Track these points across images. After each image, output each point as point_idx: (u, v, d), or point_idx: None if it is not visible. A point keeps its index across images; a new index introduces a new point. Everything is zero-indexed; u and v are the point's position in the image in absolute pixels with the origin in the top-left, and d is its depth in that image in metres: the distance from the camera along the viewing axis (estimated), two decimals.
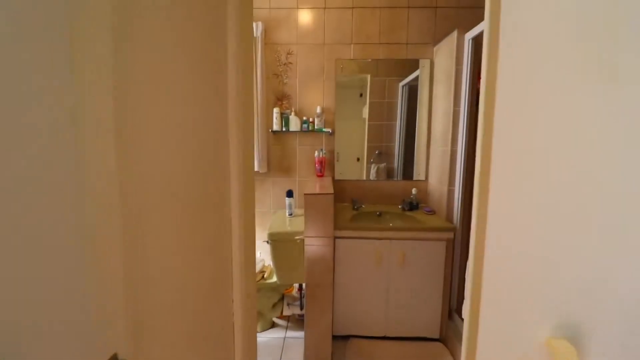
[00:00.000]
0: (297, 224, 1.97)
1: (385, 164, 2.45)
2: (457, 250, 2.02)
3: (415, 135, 2.41)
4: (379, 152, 2.46)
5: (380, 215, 2.22)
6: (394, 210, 2.26)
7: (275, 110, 2.27)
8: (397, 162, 2.46)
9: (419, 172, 2.40)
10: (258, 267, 2.14)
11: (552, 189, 0.49)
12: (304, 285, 2.01)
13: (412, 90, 2.39)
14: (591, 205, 0.43)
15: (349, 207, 2.29)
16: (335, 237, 1.84)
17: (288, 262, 1.88)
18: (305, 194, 1.67)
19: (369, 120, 2.40)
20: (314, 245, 1.73)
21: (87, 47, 0.39)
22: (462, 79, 1.93)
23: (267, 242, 1.86)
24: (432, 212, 2.17)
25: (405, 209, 2.25)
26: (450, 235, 1.90)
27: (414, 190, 2.29)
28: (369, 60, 2.33)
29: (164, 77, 0.56)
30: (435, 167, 2.24)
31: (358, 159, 2.46)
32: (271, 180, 2.41)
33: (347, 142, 2.40)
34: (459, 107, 1.96)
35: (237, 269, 0.91)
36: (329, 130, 2.27)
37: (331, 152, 2.37)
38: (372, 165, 2.44)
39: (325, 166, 2.31)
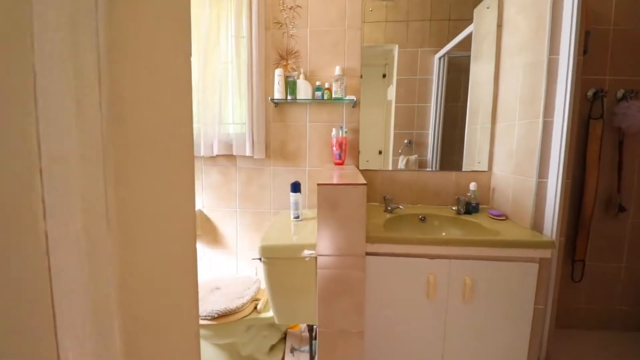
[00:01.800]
0: (306, 233, 1.32)
1: (416, 155, 1.79)
2: (552, 276, 1.32)
3: (465, 115, 1.75)
4: (409, 142, 1.80)
5: (424, 220, 1.54)
6: (443, 212, 1.58)
7: (278, 72, 1.62)
8: (432, 153, 1.79)
9: (478, 160, 1.71)
10: (251, 292, 1.50)
11: None
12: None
13: (453, 63, 1.74)
14: None
15: (380, 208, 1.62)
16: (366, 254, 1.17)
17: (291, 292, 1.22)
18: (319, 184, 1.01)
19: (395, 103, 1.76)
20: (333, 268, 1.07)
21: None
22: (564, 12, 1.24)
23: (260, 259, 1.20)
24: (502, 217, 1.48)
25: (460, 211, 1.56)
26: (546, 253, 1.21)
27: (472, 186, 1.60)
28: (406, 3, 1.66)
29: None
30: (507, 151, 1.54)
31: (380, 152, 1.81)
32: (271, 169, 1.76)
33: (367, 132, 1.76)
34: (558, 54, 1.27)
35: None
36: (353, 98, 1.61)
37: (355, 131, 1.70)
38: (400, 158, 1.79)
39: (347, 150, 1.65)
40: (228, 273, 1.84)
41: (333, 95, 1.62)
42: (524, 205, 1.38)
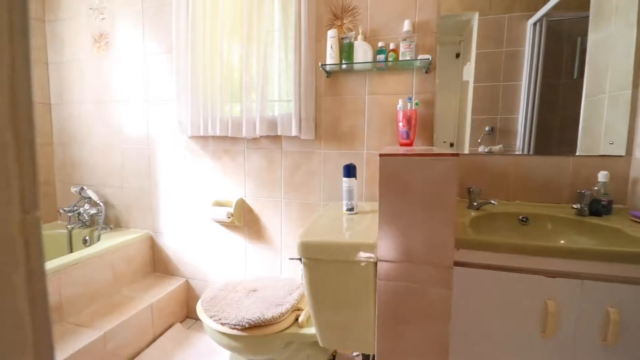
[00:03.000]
0: (362, 229, 1.00)
1: (501, 146, 1.36)
2: None
3: (573, 92, 1.28)
4: (491, 129, 1.38)
5: (526, 221, 1.11)
6: (556, 212, 1.13)
7: (331, 33, 1.34)
8: (522, 141, 1.35)
9: (610, 141, 1.22)
10: (293, 299, 1.23)
11: None
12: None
13: (553, 29, 1.30)
14: None
15: (462, 204, 1.23)
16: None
17: (339, 307, 0.91)
18: (382, 155, 0.69)
19: (474, 83, 1.37)
20: (401, 280, 0.73)
21: None
22: None
23: (300, 260, 0.92)
24: None
25: (584, 211, 1.10)
26: None
27: (601, 176, 1.12)
28: None
29: None
30: None
31: (452, 144, 1.41)
32: (321, 153, 1.48)
33: (435, 120, 1.38)
34: None
35: None
36: (428, 57, 1.24)
37: (428, 104, 1.33)
38: (480, 149, 1.38)
39: (417, 127, 1.29)
40: (269, 273, 1.61)
41: (400, 58, 1.27)
42: None
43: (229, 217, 1.55)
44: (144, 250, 1.79)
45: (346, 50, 1.34)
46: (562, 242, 1.03)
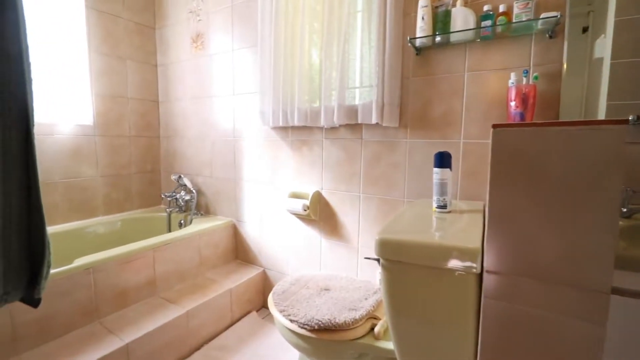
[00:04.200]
0: (456, 230, 0.80)
1: None
2: None
3: None
4: (637, 118, 0.98)
5: None
6: None
7: (422, 2, 1.15)
8: None
9: None
10: (369, 305, 1.09)
11: None
12: None
13: None
14: None
15: None
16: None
17: (424, 322, 0.74)
18: (495, 126, 0.51)
19: (611, 60, 0.99)
20: (521, 304, 0.53)
21: None
22: None
23: (378, 260, 0.78)
24: None
25: None
26: None
27: None
28: None
29: None
30: None
31: None
32: (406, 143, 1.30)
33: None
34: None
35: None
36: (555, 15, 0.95)
37: (552, 78, 1.03)
38: None
39: (535, 107, 1.01)
40: (344, 272, 1.50)
41: (514, 20, 1.01)
42: None
43: (304, 210, 1.50)
44: (227, 237, 1.88)
45: (441, 20, 1.13)
46: None
